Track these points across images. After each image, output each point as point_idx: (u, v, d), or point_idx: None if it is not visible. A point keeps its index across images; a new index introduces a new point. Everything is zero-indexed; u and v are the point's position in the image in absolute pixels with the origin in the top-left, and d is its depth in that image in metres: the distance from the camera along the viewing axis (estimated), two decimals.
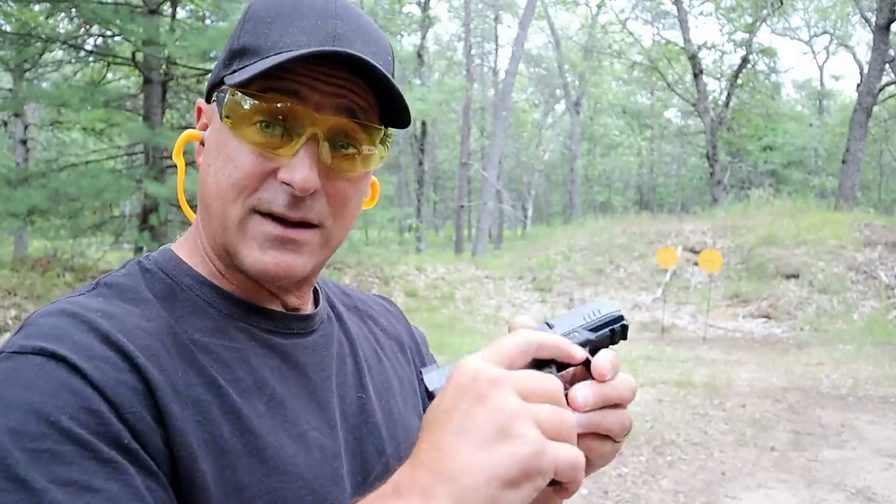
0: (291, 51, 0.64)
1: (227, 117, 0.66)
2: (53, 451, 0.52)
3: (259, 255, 0.67)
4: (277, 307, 0.74)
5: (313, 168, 0.65)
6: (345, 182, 0.69)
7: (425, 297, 12.32)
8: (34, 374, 0.55)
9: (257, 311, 0.72)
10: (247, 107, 0.65)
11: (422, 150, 22.94)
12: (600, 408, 0.57)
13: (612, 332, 0.63)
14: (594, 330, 0.62)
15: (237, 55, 0.68)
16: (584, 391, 0.57)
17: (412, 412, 0.84)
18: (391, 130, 0.72)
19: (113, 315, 0.62)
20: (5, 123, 12.32)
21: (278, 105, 0.65)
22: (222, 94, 0.67)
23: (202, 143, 0.72)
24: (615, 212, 28.66)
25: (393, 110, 0.71)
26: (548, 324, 0.62)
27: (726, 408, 6.52)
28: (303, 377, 0.72)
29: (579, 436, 0.54)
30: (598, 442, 0.59)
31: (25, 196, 7.65)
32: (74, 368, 0.56)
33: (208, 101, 0.73)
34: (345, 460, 0.72)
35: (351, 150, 0.68)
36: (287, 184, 0.65)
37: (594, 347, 0.61)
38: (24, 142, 12.95)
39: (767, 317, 11.51)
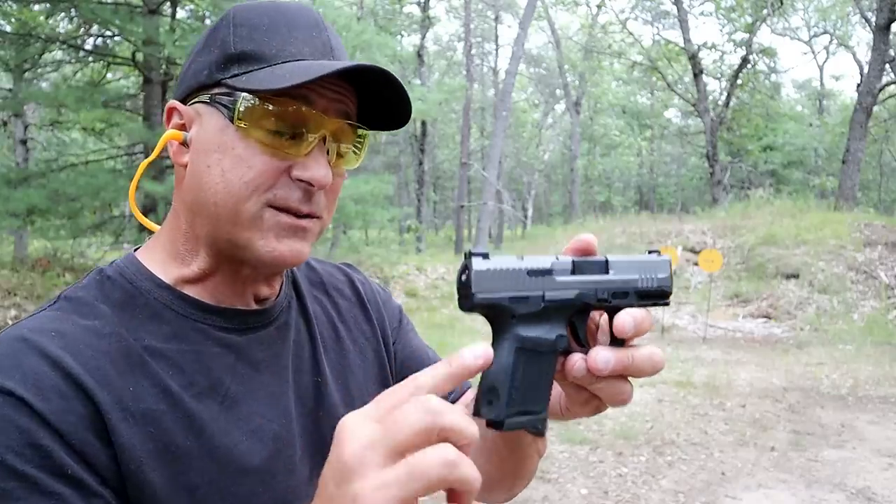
0: (301, 59, 0.71)
1: (241, 120, 0.69)
2: (1, 489, 0.57)
3: (276, 244, 0.71)
4: (242, 304, 0.78)
5: (328, 166, 0.72)
6: (339, 177, 0.77)
7: (425, 297, 12.32)
8: None
9: (214, 311, 0.75)
10: (265, 111, 0.69)
11: (422, 150, 22.94)
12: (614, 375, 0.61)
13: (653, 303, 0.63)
14: (641, 297, 0.63)
15: (236, 60, 0.71)
16: (604, 354, 0.59)
17: (374, 383, 0.89)
18: (367, 132, 0.79)
19: (65, 334, 0.66)
20: (5, 123, 12.32)
21: (291, 109, 0.70)
22: (230, 98, 0.70)
23: (184, 144, 0.73)
24: (615, 212, 28.64)
25: (381, 113, 0.78)
26: (607, 260, 0.62)
27: (726, 408, 6.52)
28: (258, 372, 0.76)
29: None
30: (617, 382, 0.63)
31: (25, 196, 7.65)
32: (21, 402, 0.60)
33: (184, 102, 0.75)
34: (299, 446, 0.77)
35: (344, 149, 0.76)
36: (302, 181, 0.71)
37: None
38: (24, 142, 12.95)
39: (767, 317, 11.51)
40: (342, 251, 11.66)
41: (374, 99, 0.76)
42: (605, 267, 0.61)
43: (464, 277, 0.56)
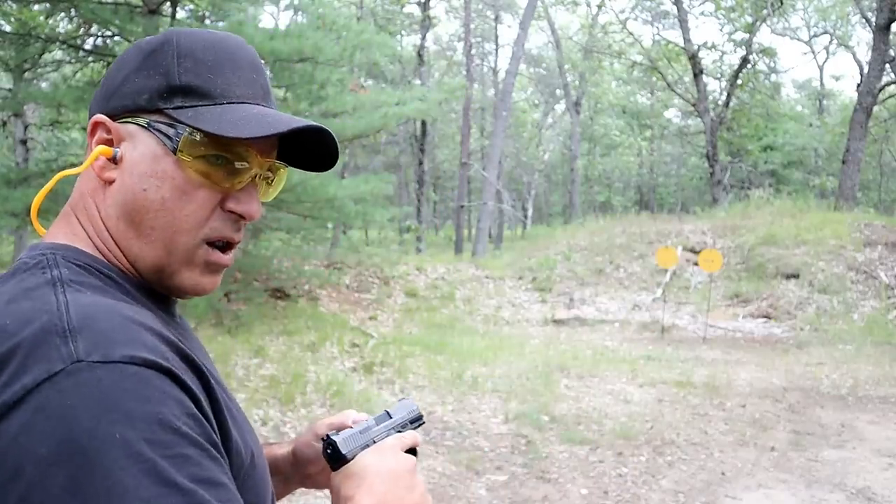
0: (244, 102, 0.75)
1: (182, 152, 0.72)
2: (185, 454, 0.58)
3: (199, 279, 0.76)
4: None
5: (258, 200, 0.78)
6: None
7: (425, 297, 12.32)
8: (140, 385, 0.58)
9: (162, 299, 0.79)
10: (207, 146, 0.72)
11: (422, 150, 22.92)
12: None
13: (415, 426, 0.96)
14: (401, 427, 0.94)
15: (179, 92, 0.73)
16: None
17: None
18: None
19: (137, 312, 0.67)
20: (4, 123, 12.31)
21: (233, 147, 0.74)
22: (172, 129, 0.72)
23: (112, 160, 0.74)
24: (615, 212, 28.62)
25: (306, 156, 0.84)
26: (388, 412, 0.93)
27: (726, 408, 6.52)
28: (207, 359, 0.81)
29: None
30: None
31: (25, 196, 7.64)
32: (168, 374, 0.61)
33: (112, 118, 0.75)
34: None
35: (267, 180, 0.81)
36: (235, 213, 0.76)
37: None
38: (24, 142, 12.93)
39: (767, 317, 11.50)
40: (342, 251, 11.67)
41: (301, 145, 0.82)
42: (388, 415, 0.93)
43: (330, 451, 0.85)
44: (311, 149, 0.82)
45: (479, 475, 4.77)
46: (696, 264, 12.91)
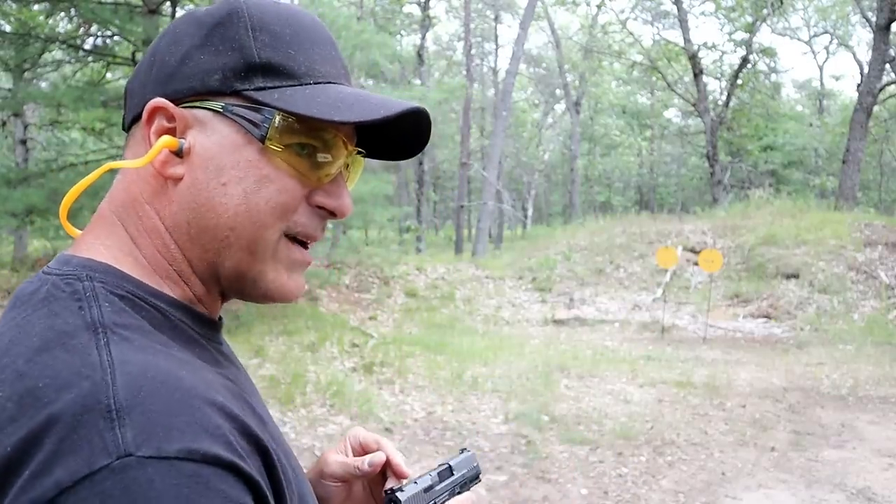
0: (330, 82, 0.66)
1: (270, 140, 0.63)
2: None
3: (286, 280, 0.67)
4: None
5: (349, 194, 0.70)
6: None
7: (425, 297, 12.32)
8: (197, 491, 0.48)
9: (210, 325, 0.69)
10: (298, 133, 0.64)
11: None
12: None
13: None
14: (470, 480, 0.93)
15: (260, 70, 0.63)
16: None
17: None
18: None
19: (195, 371, 0.56)
20: (4, 123, 12.30)
21: (325, 135, 0.65)
22: (257, 114, 0.63)
23: (178, 154, 0.63)
24: (615, 212, 28.63)
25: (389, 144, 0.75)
26: (450, 467, 0.90)
27: (726, 408, 6.52)
28: (249, 383, 0.73)
29: None
30: None
31: (25, 196, 7.64)
32: (231, 470, 0.50)
33: (175, 103, 0.64)
34: None
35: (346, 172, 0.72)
36: (323, 208, 0.67)
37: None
38: (23, 142, 12.94)
39: (767, 317, 11.50)
40: (342, 251, 11.65)
41: (383, 132, 0.72)
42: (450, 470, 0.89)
43: None
44: (394, 136, 0.73)
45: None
46: (696, 264, 12.91)
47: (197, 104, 0.63)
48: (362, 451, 0.85)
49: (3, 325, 0.58)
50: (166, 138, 0.63)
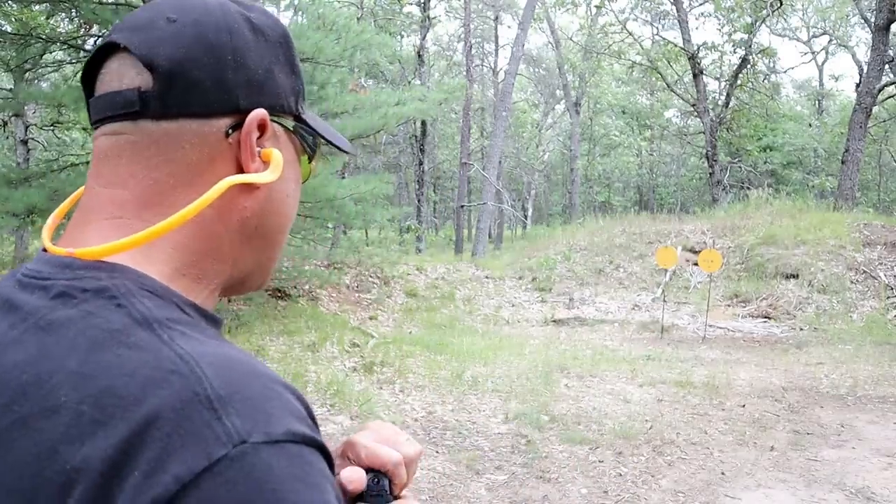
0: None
1: (311, 161, 0.73)
2: None
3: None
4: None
5: None
6: None
7: (425, 297, 12.33)
8: (306, 470, 0.50)
9: (216, 324, 0.66)
10: (317, 152, 0.74)
11: (422, 150, 22.94)
12: None
13: None
14: None
15: (301, 94, 0.70)
16: None
17: None
18: None
19: (256, 360, 0.58)
20: (5, 123, 12.32)
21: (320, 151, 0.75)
22: (310, 136, 0.71)
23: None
24: (615, 212, 28.64)
25: None
26: None
27: (726, 408, 6.53)
28: None
29: None
30: None
31: (25, 196, 7.65)
32: (320, 450, 0.52)
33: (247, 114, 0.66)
34: None
35: None
36: None
37: None
38: (24, 142, 12.95)
39: (767, 317, 11.51)
40: (342, 251, 11.66)
41: None
42: None
43: None
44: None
45: (479, 475, 4.78)
46: (695, 264, 12.92)
47: (277, 119, 0.66)
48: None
49: (3, 332, 0.56)
50: (275, 152, 0.64)
